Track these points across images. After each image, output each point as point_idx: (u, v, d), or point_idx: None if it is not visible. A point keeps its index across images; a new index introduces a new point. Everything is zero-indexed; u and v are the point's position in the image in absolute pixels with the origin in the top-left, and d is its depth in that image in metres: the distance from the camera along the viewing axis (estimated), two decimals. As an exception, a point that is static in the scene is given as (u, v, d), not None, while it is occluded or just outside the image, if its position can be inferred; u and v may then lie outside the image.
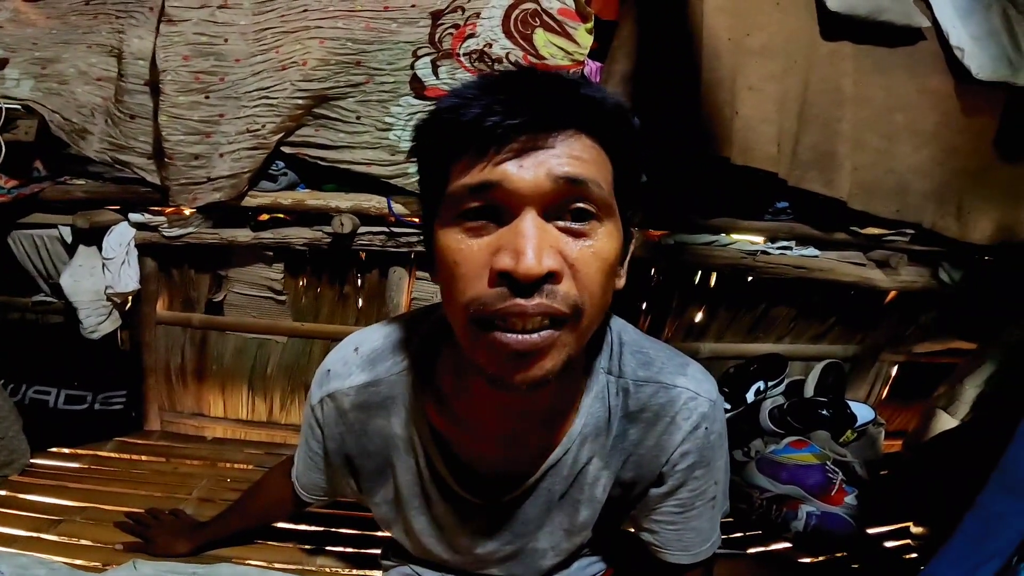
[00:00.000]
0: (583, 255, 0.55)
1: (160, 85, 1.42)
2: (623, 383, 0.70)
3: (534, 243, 0.52)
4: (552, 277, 0.53)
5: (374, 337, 0.76)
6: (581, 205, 0.55)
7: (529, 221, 0.53)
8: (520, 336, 0.54)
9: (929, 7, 1.60)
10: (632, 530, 0.84)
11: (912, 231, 1.70)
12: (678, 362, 0.72)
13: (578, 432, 0.70)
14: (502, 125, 0.52)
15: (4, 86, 1.43)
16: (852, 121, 1.58)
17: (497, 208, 0.54)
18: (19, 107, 1.44)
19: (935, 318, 1.84)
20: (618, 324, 0.74)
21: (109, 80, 1.48)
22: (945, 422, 1.59)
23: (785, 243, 1.71)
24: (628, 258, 0.65)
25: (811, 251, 1.72)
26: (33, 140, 1.44)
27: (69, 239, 1.57)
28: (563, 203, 0.54)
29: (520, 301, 0.52)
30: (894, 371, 1.97)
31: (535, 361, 0.55)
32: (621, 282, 0.64)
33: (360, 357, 0.74)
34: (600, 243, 0.56)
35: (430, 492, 0.76)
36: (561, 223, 0.55)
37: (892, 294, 1.81)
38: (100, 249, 1.56)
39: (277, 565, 1.25)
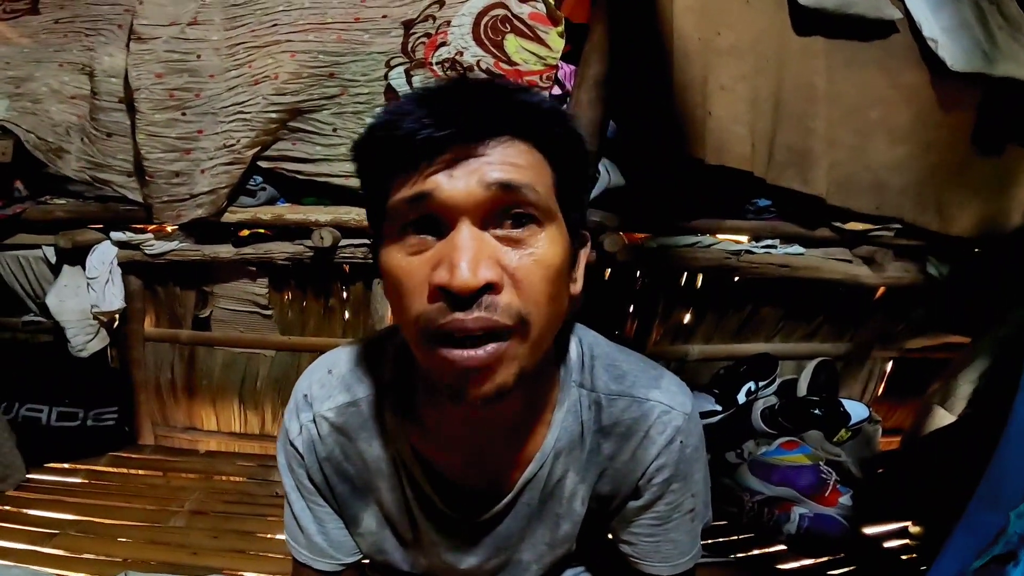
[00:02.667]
0: (524, 263, 0.54)
1: (135, 103, 1.43)
2: (595, 396, 0.69)
3: (469, 255, 0.51)
4: (491, 288, 0.52)
5: (345, 359, 0.74)
6: (518, 211, 0.54)
7: (464, 232, 0.52)
8: (466, 352, 0.53)
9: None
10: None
11: (898, 225, 1.68)
12: (651, 375, 0.70)
13: (551, 446, 0.69)
14: (433, 136, 0.51)
15: None
16: (826, 118, 1.57)
17: (434, 220, 0.54)
18: None
19: (925, 313, 1.82)
20: (589, 336, 0.73)
21: (83, 98, 1.49)
22: (942, 418, 1.56)
23: (769, 242, 1.70)
24: (582, 263, 0.64)
25: (796, 249, 1.70)
26: (10, 160, 1.46)
27: (53, 259, 1.59)
28: (499, 211, 0.53)
29: (459, 316, 0.51)
30: (888, 367, 1.95)
31: (486, 376, 0.54)
32: (576, 287, 0.62)
33: (335, 378, 0.72)
34: (542, 250, 0.54)
35: (414, 510, 0.74)
36: (499, 231, 0.54)
37: (880, 290, 1.80)
38: (84, 268, 1.58)
39: (270, 574, 1.28)
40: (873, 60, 1.56)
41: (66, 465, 1.65)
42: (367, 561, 0.83)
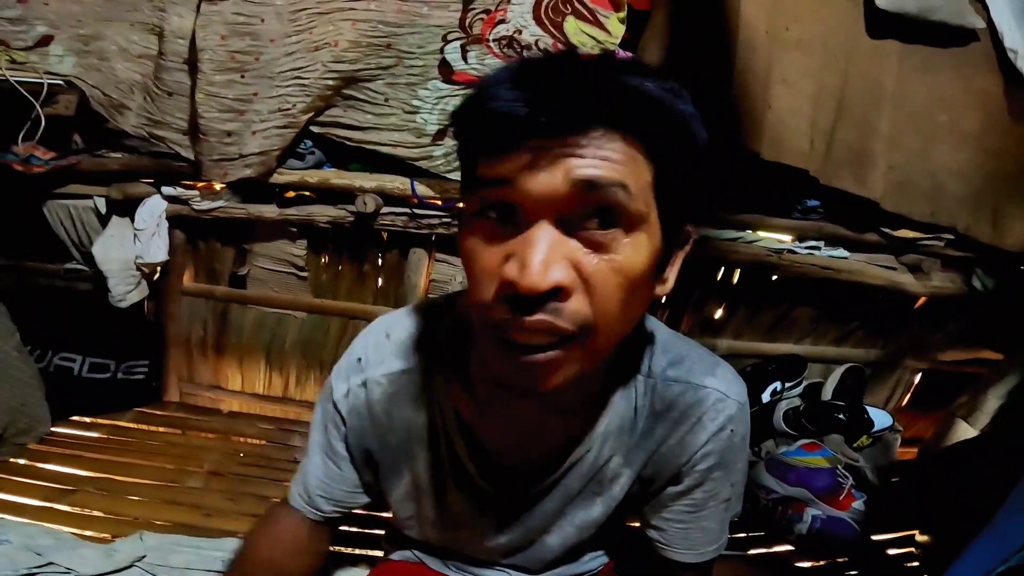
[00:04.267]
0: (600, 270, 0.50)
1: (198, 63, 1.44)
2: (652, 382, 0.69)
3: (542, 255, 0.48)
4: (559, 293, 0.49)
5: (403, 324, 0.73)
6: (604, 213, 0.50)
7: (541, 229, 0.49)
8: (523, 357, 0.51)
9: (985, 7, 1.56)
10: (635, 524, 0.83)
11: (948, 236, 1.66)
12: (709, 362, 0.70)
13: (603, 429, 0.69)
14: (521, 122, 0.48)
15: (48, 62, 1.46)
16: (891, 119, 1.55)
17: (512, 209, 0.51)
18: (61, 82, 1.47)
19: (963, 326, 1.80)
20: (651, 322, 0.72)
21: (149, 57, 1.50)
22: (963, 431, 1.56)
23: (814, 243, 1.69)
24: (677, 263, 0.60)
25: (840, 252, 1.69)
26: (73, 114, 1.47)
27: (103, 210, 1.61)
28: (583, 209, 0.50)
29: (522, 318, 0.50)
30: (917, 378, 1.94)
31: (539, 376, 0.53)
32: (665, 288, 0.60)
33: (393, 344, 0.72)
34: (624, 256, 0.51)
35: (448, 483, 0.75)
36: (580, 232, 0.51)
37: (922, 299, 1.78)
38: (132, 220, 1.60)
39: None
40: (947, 65, 1.54)
41: (89, 419, 1.65)
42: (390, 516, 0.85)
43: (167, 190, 1.60)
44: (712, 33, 1.43)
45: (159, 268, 1.69)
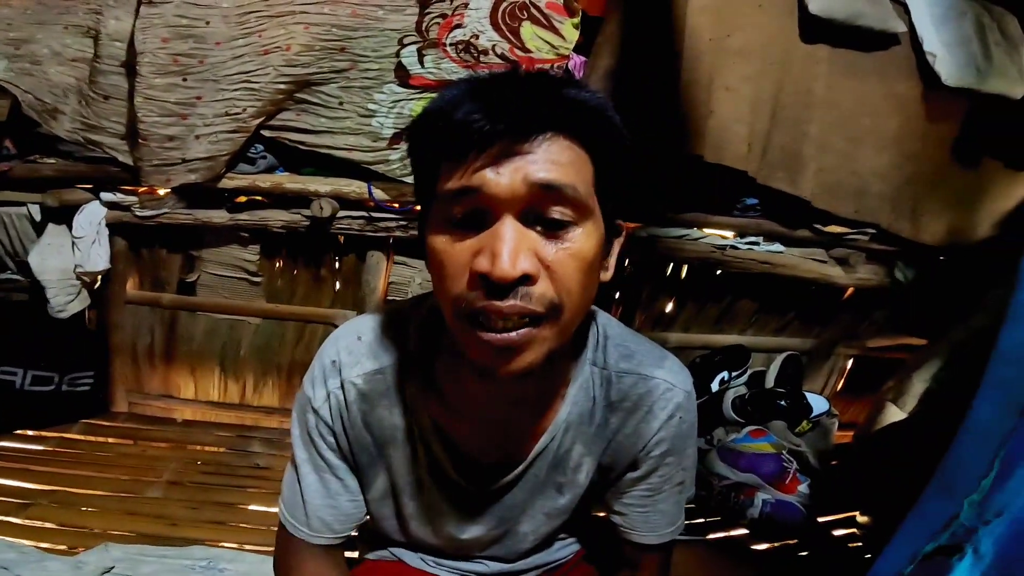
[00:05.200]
0: (559, 256, 0.57)
1: (137, 67, 1.39)
2: (606, 374, 0.74)
3: (510, 247, 0.54)
4: (527, 279, 0.55)
5: (373, 325, 0.75)
6: (558, 209, 0.57)
7: (507, 225, 0.55)
8: (499, 335, 0.57)
9: (907, 12, 1.66)
10: (602, 514, 0.88)
11: (872, 231, 1.78)
12: (657, 355, 0.76)
13: (564, 419, 0.74)
14: (482, 131, 0.54)
15: None
16: (820, 123, 1.65)
17: (479, 211, 0.57)
18: None
19: (888, 315, 1.94)
20: (603, 318, 0.78)
21: (83, 61, 1.45)
22: (893, 414, 1.67)
23: (753, 239, 1.79)
24: (615, 252, 0.68)
25: (777, 247, 1.80)
26: (5, 119, 1.41)
27: (38, 217, 1.54)
28: (540, 207, 0.56)
29: (496, 302, 0.55)
30: (849, 364, 2.08)
31: (516, 355, 0.58)
32: (607, 275, 0.66)
33: (365, 345, 0.73)
34: (577, 244, 0.58)
35: (424, 479, 0.77)
36: (539, 225, 0.57)
37: (850, 291, 1.91)
38: (70, 228, 1.53)
39: (248, 547, 1.29)
40: (872, 70, 1.63)
41: (34, 432, 1.61)
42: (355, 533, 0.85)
43: (106, 196, 1.54)
44: (661, 41, 1.49)
45: (100, 277, 1.62)
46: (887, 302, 1.92)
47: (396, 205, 1.61)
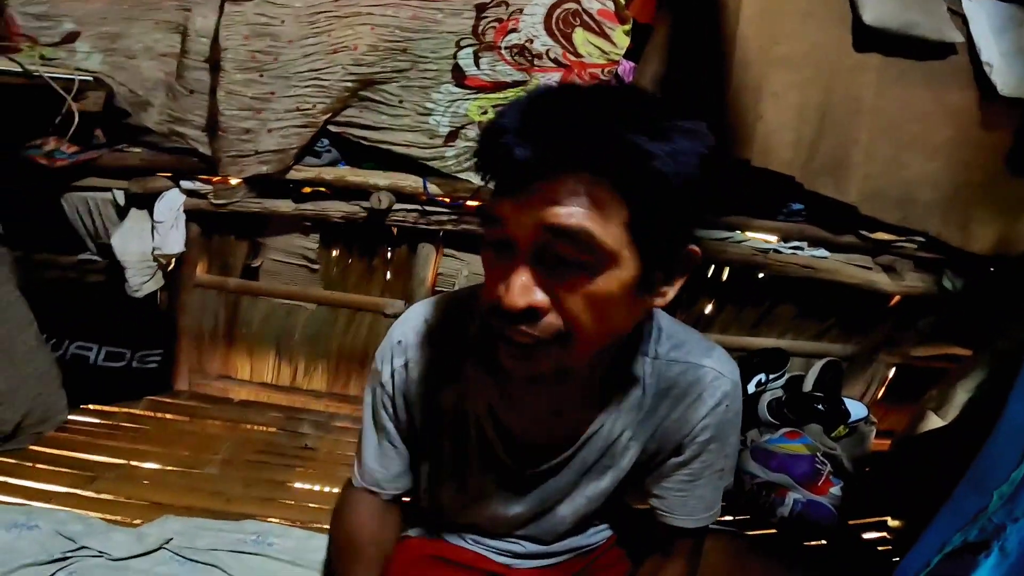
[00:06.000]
0: (570, 294, 0.58)
1: (220, 62, 1.49)
2: (657, 363, 0.76)
3: (519, 283, 0.57)
4: (534, 312, 0.58)
5: (439, 311, 0.80)
6: (571, 251, 0.56)
7: (521, 260, 0.58)
8: (509, 347, 0.62)
9: (965, 23, 1.66)
10: (636, 504, 0.92)
11: (921, 238, 1.78)
12: (705, 346, 0.79)
13: (614, 406, 0.77)
14: (510, 163, 0.55)
15: (75, 58, 1.50)
16: (868, 130, 1.66)
17: (507, 240, 0.59)
18: (90, 79, 1.52)
19: (934, 323, 1.92)
20: (656, 312, 0.80)
21: (172, 56, 1.55)
22: (933, 423, 1.65)
23: (797, 243, 1.80)
24: (675, 285, 0.65)
25: (821, 252, 1.81)
26: (100, 110, 1.52)
27: (121, 202, 1.66)
28: (554, 247, 0.57)
29: (508, 324, 0.60)
30: (891, 372, 2.06)
31: (528, 362, 0.62)
32: (664, 300, 0.65)
33: (430, 329, 0.79)
34: (594, 286, 0.58)
35: (473, 459, 0.82)
36: (554, 263, 0.58)
37: (895, 298, 1.90)
38: (151, 213, 1.65)
39: (295, 523, 1.34)
40: (922, 78, 1.64)
41: (104, 408, 1.68)
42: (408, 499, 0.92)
43: (186, 184, 1.65)
44: (710, 48, 1.53)
45: (174, 260, 1.74)
46: (933, 311, 1.90)
47: (448, 200, 1.68)
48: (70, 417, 1.59)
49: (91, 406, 1.67)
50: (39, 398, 1.50)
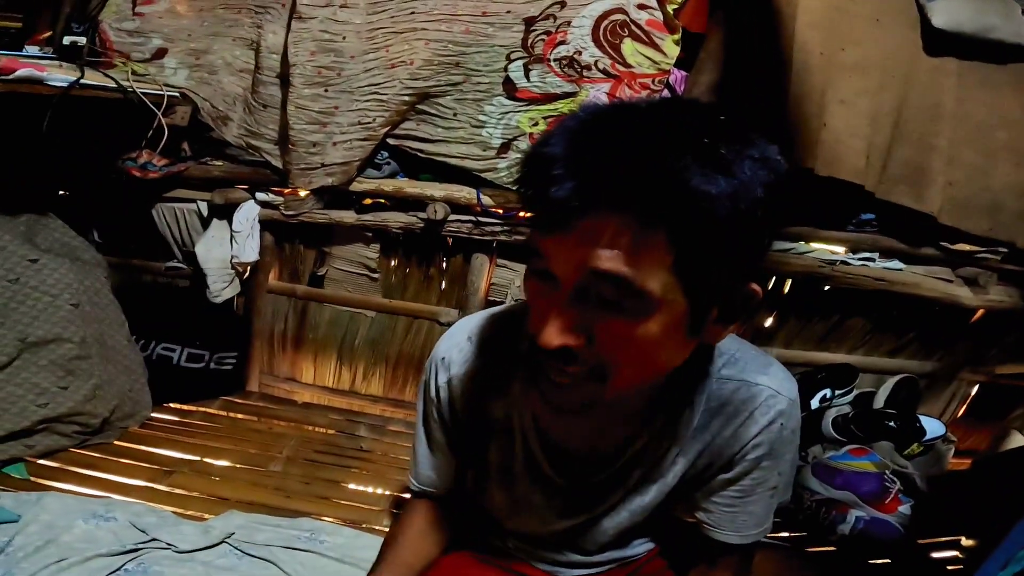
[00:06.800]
0: (609, 333, 0.57)
1: (290, 78, 1.58)
2: (710, 382, 0.74)
3: (556, 322, 0.57)
4: (569, 351, 0.58)
5: (484, 327, 0.81)
6: (611, 292, 0.54)
7: (560, 298, 0.57)
8: (544, 380, 0.62)
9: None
10: (681, 516, 0.89)
11: (1006, 249, 1.65)
12: (761, 362, 0.76)
13: (662, 426, 0.76)
14: (554, 203, 0.52)
15: (164, 74, 1.62)
16: (950, 137, 1.56)
17: (548, 272, 0.58)
18: (177, 94, 1.64)
19: (1021, 339, 1.78)
20: None
21: (248, 72, 1.65)
22: (1017, 442, 1.55)
23: (867, 255, 1.71)
24: (731, 328, 0.62)
25: (895, 264, 1.71)
26: (187, 125, 1.64)
27: (205, 213, 1.80)
28: (594, 287, 0.55)
29: (544, 358, 0.60)
30: (973, 390, 1.92)
31: (564, 397, 0.62)
32: (720, 338, 0.63)
33: (473, 346, 0.80)
34: (633, 328, 0.56)
35: (518, 472, 0.83)
36: (594, 301, 0.56)
37: (979, 312, 1.77)
38: (230, 223, 1.78)
39: (346, 523, 1.39)
40: (1007, 82, 1.55)
41: (183, 406, 1.80)
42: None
43: (260, 196, 1.77)
44: (766, 56, 1.49)
45: (249, 267, 1.86)
46: (1020, 326, 1.76)
47: (501, 211, 1.71)
48: (153, 414, 1.71)
49: (171, 404, 1.79)
50: (128, 394, 1.63)
